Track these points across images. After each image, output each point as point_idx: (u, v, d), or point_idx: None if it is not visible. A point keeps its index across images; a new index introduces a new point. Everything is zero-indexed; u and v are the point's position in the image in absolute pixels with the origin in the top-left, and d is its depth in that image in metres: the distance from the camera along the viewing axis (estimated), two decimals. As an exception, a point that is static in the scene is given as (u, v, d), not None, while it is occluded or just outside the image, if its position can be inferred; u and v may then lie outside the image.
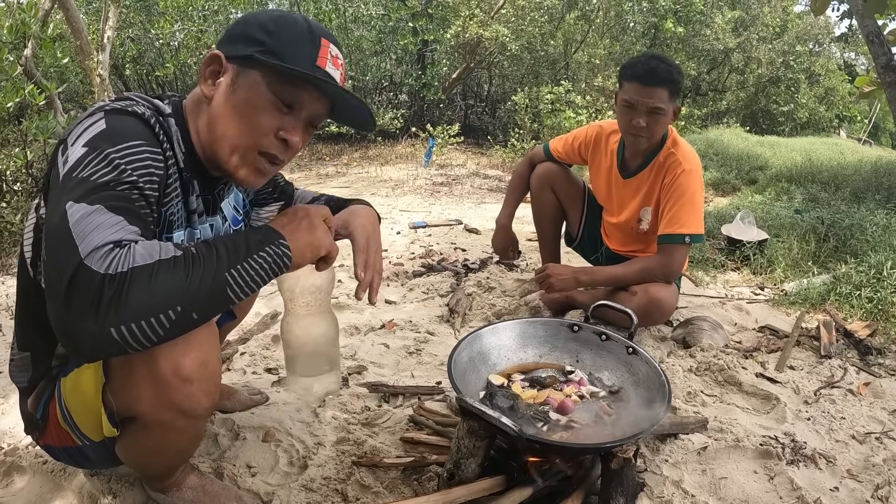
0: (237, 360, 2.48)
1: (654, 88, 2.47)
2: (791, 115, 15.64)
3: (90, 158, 1.11)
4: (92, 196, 1.07)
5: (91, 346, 1.02)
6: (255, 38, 1.25)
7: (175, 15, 9.01)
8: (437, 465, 1.72)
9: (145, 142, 1.19)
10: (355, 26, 10.32)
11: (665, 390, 1.66)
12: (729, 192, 6.98)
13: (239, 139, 1.28)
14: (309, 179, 7.47)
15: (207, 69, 1.29)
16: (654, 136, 2.59)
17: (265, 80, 1.25)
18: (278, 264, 1.22)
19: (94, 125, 1.17)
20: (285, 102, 1.27)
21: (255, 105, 1.26)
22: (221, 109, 1.28)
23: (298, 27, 1.28)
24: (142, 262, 1.03)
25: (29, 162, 4.39)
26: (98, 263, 1.01)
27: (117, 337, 1.01)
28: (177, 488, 1.55)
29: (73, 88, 9.46)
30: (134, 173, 1.14)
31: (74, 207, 1.06)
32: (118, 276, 1.00)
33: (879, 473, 1.83)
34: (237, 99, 1.26)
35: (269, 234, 1.23)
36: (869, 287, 3.21)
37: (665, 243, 2.59)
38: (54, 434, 1.42)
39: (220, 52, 1.28)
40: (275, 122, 1.28)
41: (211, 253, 1.11)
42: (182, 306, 1.06)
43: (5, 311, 2.98)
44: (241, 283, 1.14)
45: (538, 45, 11.07)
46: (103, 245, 1.02)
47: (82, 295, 0.99)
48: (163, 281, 1.04)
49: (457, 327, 2.87)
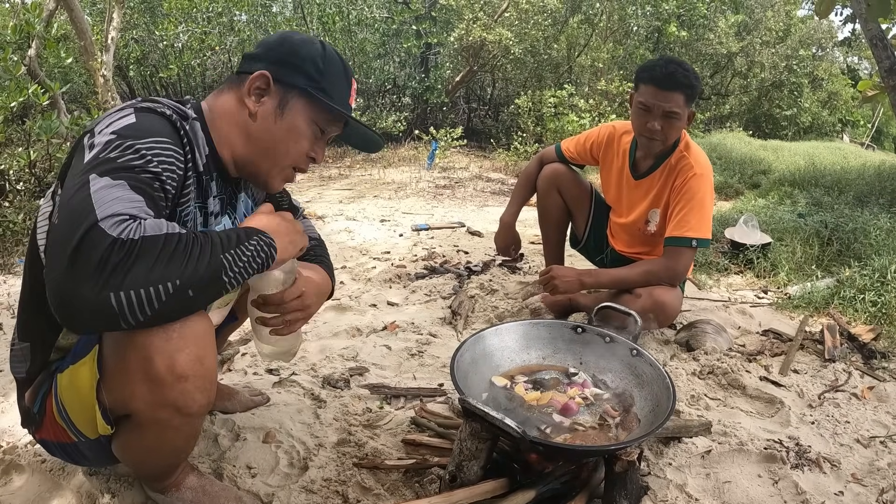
0: (238, 360, 2.47)
1: (671, 93, 2.46)
2: (794, 120, 15.62)
3: (118, 143, 1.18)
4: (117, 173, 1.14)
5: (87, 309, 1.04)
6: (308, 72, 1.41)
7: (179, 17, 9.02)
8: (439, 467, 1.71)
9: (170, 140, 1.26)
10: (359, 29, 10.33)
11: (669, 393, 1.64)
12: (732, 195, 6.97)
13: (283, 156, 1.45)
14: (312, 182, 7.47)
15: (253, 86, 1.39)
16: (668, 140, 2.58)
17: (311, 111, 1.43)
18: (266, 252, 1.27)
19: (125, 118, 1.24)
20: (322, 130, 1.47)
21: (301, 131, 1.43)
22: (268, 128, 1.41)
23: (339, 68, 1.46)
24: (152, 232, 1.08)
25: (32, 162, 4.39)
26: (112, 228, 1.05)
27: (114, 303, 1.04)
28: (176, 488, 1.54)
29: (76, 89, 9.48)
30: (159, 165, 1.20)
31: (98, 180, 1.11)
32: (129, 243, 1.05)
33: (884, 477, 1.82)
34: (286, 122, 1.41)
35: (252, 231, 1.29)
36: (873, 291, 3.20)
37: (671, 246, 2.57)
38: (50, 429, 1.41)
39: (269, 74, 1.39)
40: (311, 145, 1.47)
41: (208, 238, 1.16)
42: (181, 281, 1.09)
43: (6, 309, 2.97)
44: (235, 269, 1.18)
45: (541, 48, 11.07)
46: (120, 214, 1.08)
47: (89, 255, 1.03)
48: (167, 254, 1.08)
49: (459, 329, 2.86)
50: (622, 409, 1.74)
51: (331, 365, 2.44)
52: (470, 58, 10.38)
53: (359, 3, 10.09)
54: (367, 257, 4.08)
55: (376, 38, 10.43)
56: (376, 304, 3.19)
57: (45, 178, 4.49)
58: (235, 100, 1.41)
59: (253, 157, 1.44)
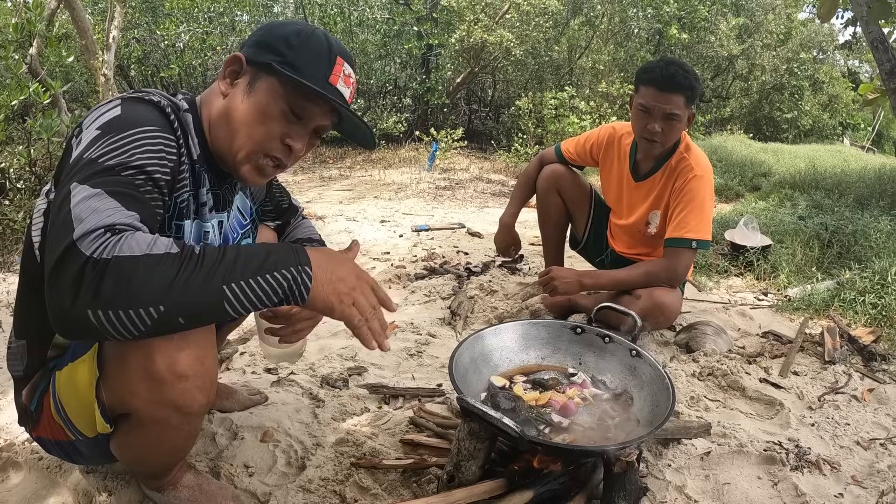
0: (237, 359, 2.47)
1: (671, 94, 2.46)
2: (795, 123, 15.59)
3: (101, 141, 1.15)
4: (96, 179, 1.10)
5: (70, 324, 1.02)
6: (277, 48, 1.33)
7: (180, 16, 9.03)
8: (437, 467, 1.70)
9: (158, 128, 1.23)
10: (360, 30, 10.33)
11: (669, 394, 1.64)
12: (732, 198, 6.97)
13: (248, 139, 1.34)
14: (312, 182, 7.47)
15: (228, 68, 1.36)
16: (667, 142, 2.58)
17: (280, 89, 1.32)
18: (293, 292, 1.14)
19: (111, 111, 1.21)
20: (295, 112, 1.34)
21: (268, 111, 1.33)
22: (236, 108, 1.34)
23: (319, 44, 1.35)
24: (128, 252, 1.01)
25: (32, 160, 4.39)
26: (86, 246, 1.01)
27: (94, 320, 1.01)
28: (173, 487, 1.54)
29: (77, 88, 9.49)
30: (142, 157, 1.17)
31: (78, 189, 1.08)
32: (101, 262, 1.00)
33: (884, 480, 1.82)
34: (251, 101, 1.33)
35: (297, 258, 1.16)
36: (873, 293, 3.19)
37: (671, 247, 2.57)
38: (47, 427, 1.41)
39: (242, 55, 1.35)
40: (283, 129, 1.35)
41: (211, 260, 1.06)
42: (165, 307, 1.02)
43: (5, 307, 2.97)
44: (242, 299, 1.08)
45: (542, 50, 11.07)
46: (96, 229, 1.03)
47: (66, 274, 1.01)
48: (143, 276, 1.01)
49: (458, 330, 2.86)
50: (621, 409, 1.74)
51: (329, 364, 2.43)
52: (471, 59, 10.38)
53: (360, 3, 10.10)
54: (366, 258, 4.07)
55: (377, 39, 10.43)
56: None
57: (45, 176, 4.49)
58: (216, 88, 1.39)
59: (225, 141, 1.36)
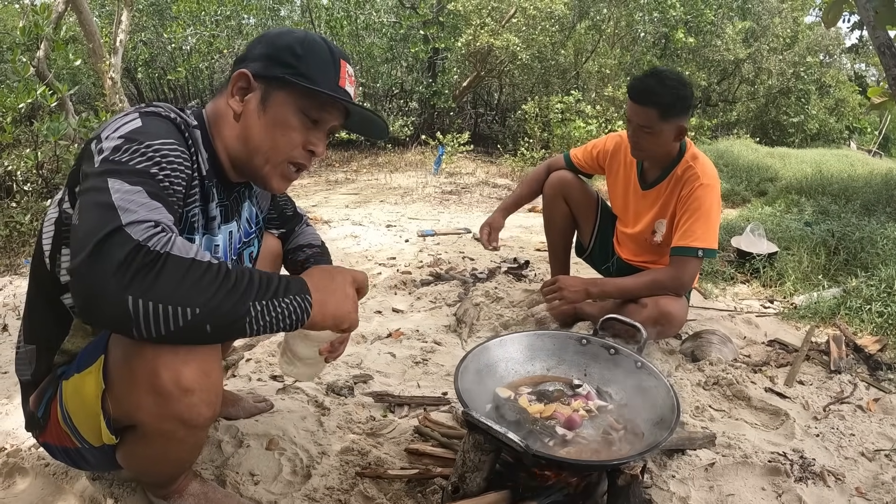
0: (242, 366, 2.48)
1: (642, 107, 2.50)
2: (801, 127, 15.56)
3: (127, 147, 1.18)
4: (133, 178, 1.14)
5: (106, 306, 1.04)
6: (286, 60, 1.35)
7: (187, 20, 9.07)
8: (442, 477, 1.71)
9: (176, 142, 1.26)
10: (367, 34, 10.36)
11: (674, 406, 1.64)
12: (739, 203, 6.95)
13: (273, 152, 1.39)
14: (318, 186, 7.48)
15: (235, 86, 1.38)
16: (642, 152, 2.64)
17: (295, 99, 1.36)
18: (296, 315, 1.21)
19: (131, 122, 1.24)
20: (312, 119, 1.39)
21: (287, 122, 1.37)
22: (254, 125, 1.37)
23: (322, 50, 1.39)
24: (179, 253, 1.08)
25: (39, 163, 4.42)
26: (138, 233, 1.06)
27: (131, 308, 1.03)
28: (179, 495, 1.55)
29: (85, 91, 9.53)
30: (167, 167, 1.21)
31: (117, 184, 1.12)
32: (154, 253, 1.05)
33: (889, 492, 1.81)
34: (269, 116, 1.37)
35: (300, 287, 1.23)
36: (880, 301, 3.18)
37: (677, 256, 2.57)
38: (54, 433, 1.42)
39: (248, 71, 1.36)
40: (303, 137, 1.40)
41: (244, 278, 1.14)
42: (201, 311, 1.08)
43: (12, 310, 2.98)
44: (262, 322, 1.15)
45: (549, 54, 11.06)
46: (146, 220, 1.08)
47: (112, 253, 1.04)
48: (190, 279, 1.07)
49: (464, 337, 2.86)
50: (626, 421, 1.74)
51: (335, 372, 2.44)
52: (477, 63, 10.40)
53: (367, 7, 10.12)
54: (372, 263, 4.08)
55: (384, 43, 10.45)
56: (381, 311, 3.19)
57: (52, 179, 4.52)
58: (225, 104, 1.40)
59: (246, 157, 1.40)
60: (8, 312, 2.98)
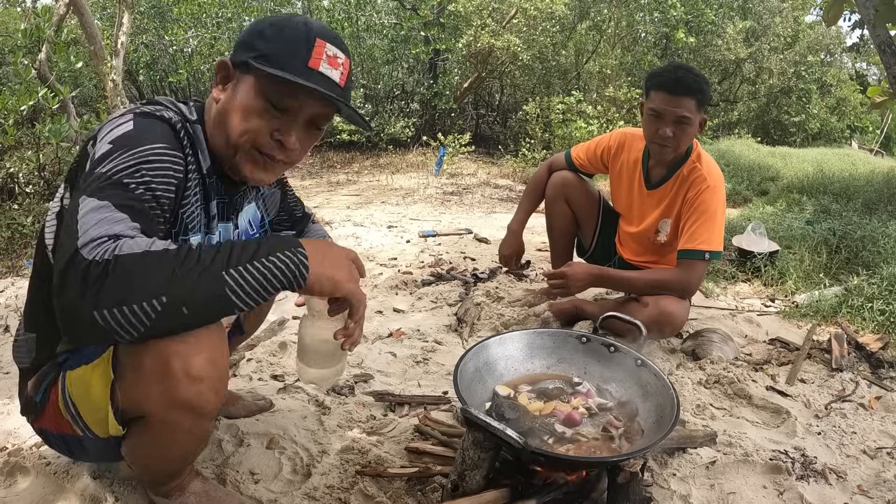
0: (243, 366, 2.48)
1: (682, 98, 2.46)
2: (802, 126, 15.55)
3: (113, 156, 1.20)
4: (105, 192, 1.16)
5: (79, 328, 1.08)
6: (252, 44, 1.33)
7: (189, 22, 9.08)
8: (442, 475, 1.71)
9: (168, 146, 1.27)
10: (368, 35, 10.36)
11: (674, 403, 1.64)
12: (740, 203, 6.94)
13: (238, 138, 1.35)
14: (320, 187, 7.48)
15: (219, 75, 1.39)
16: (679, 147, 2.58)
17: (257, 84, 1.32)
18: (292, 273, 1.20)
19: (123, 125, 1.26)
20: (277, 106, 1.33)
21: (250, 108, 1.33)
22: (226, 112, 1.36)
23: (295, 31, 1.33)
24: (128, 251, 1.08)
25: (41, 165, 4.43)
26: (89, 252, 1.07)
27: (101, 321, 1.06)
28: (180, 493, 1.55)
29: (86, 93, 9.52)
30: (149, 174, 1.21)
31: (87, 201, 1.15)
32: (102, 262, 1.06)
33: (891, 489, 1.81)
34: (236, 102, 1.34)
35: (289, 242, 1.23)
36: (881, 299, 3.18)
37: (685, 258, 2.57)
38: (52, 419, 1.43)
39: (228, 60, 1.37)
40: (269, 125, 1.35)
41: (211, 251, 1.14)
42: (168, 297, 1.08)
43: (14, 312, 2.99)
44: (244, 285, 1.15)
45: (550, 55, 11.05)
46: (99, 238, 1.09)
47: (72, 280, 1.06)
48: (145, 270, 1.07)
49: (465, 337, 2.86)
50: (626, 419, 1.74)
51: (335, 371, 2.44)
52: (478, 64, 10.38)
53: (367, 8, 10.12)
54: (373, 263, 4.08)
55: (385, 44, 10.45)
56: (382, 311, 3.19)
57: (53, 181, 4.52)
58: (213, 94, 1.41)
59: (224, 146, 1.38)
60: (10, 314, 2.98)
